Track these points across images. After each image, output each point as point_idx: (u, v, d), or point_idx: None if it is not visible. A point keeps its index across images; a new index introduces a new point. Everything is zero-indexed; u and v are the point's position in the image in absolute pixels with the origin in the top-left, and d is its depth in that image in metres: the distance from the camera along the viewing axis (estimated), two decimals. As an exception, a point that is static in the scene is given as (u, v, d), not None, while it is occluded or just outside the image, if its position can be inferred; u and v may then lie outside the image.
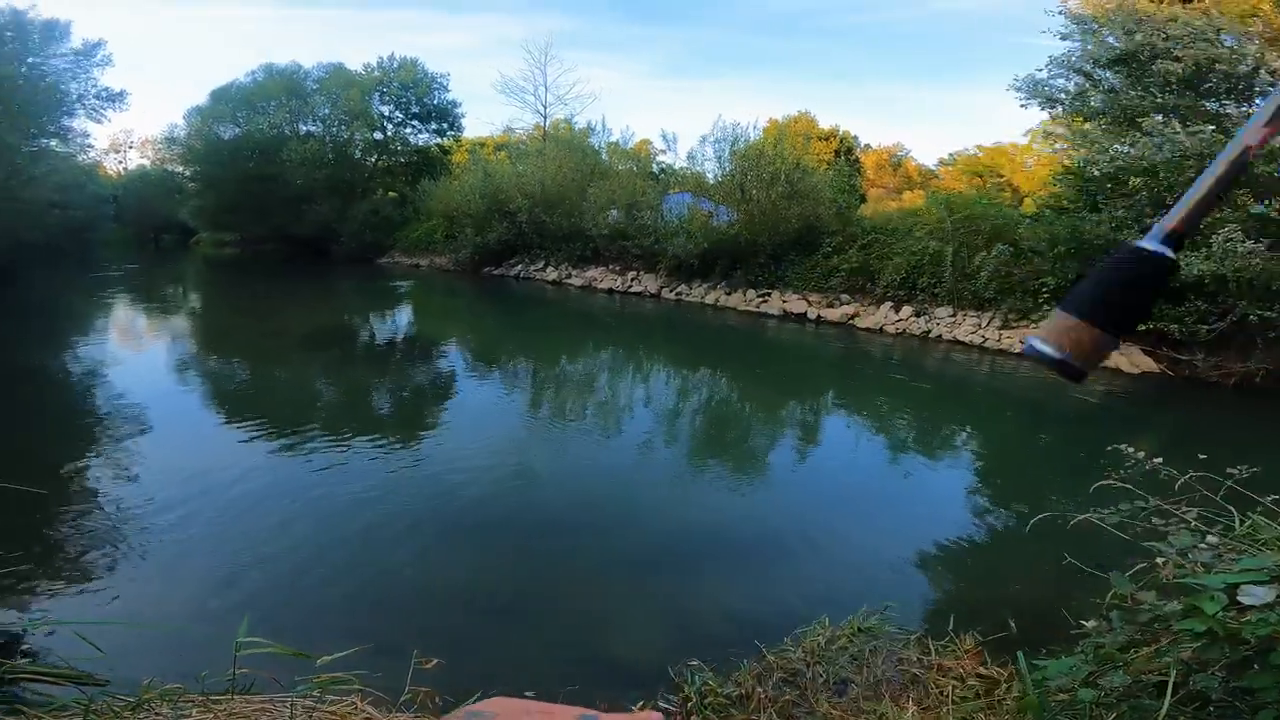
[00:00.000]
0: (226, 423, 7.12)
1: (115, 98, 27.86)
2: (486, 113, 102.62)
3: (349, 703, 1.81)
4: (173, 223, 41.82)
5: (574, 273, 21.88)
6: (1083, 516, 2.46)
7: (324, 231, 30.48)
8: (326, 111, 32.25)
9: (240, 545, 4.29)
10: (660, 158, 25.75)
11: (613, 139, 27.02)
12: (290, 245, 32.02)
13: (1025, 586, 4.04)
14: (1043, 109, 13.53)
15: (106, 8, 68.12)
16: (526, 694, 2.36)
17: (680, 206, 19.90)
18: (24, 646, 2.86)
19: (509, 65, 57.95)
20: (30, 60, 22.30)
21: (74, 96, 25.12)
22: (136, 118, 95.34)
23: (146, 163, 48.77)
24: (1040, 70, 12.95)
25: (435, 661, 2.47)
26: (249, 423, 6.91)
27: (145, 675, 1.95)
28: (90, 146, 30.82)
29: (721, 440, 7.58)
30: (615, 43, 78.81)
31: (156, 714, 1.71)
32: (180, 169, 37.86)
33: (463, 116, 36.23)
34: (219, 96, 33.12)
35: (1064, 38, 12.37)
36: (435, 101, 34.61)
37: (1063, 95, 12.87)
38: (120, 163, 53.68)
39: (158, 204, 40.99)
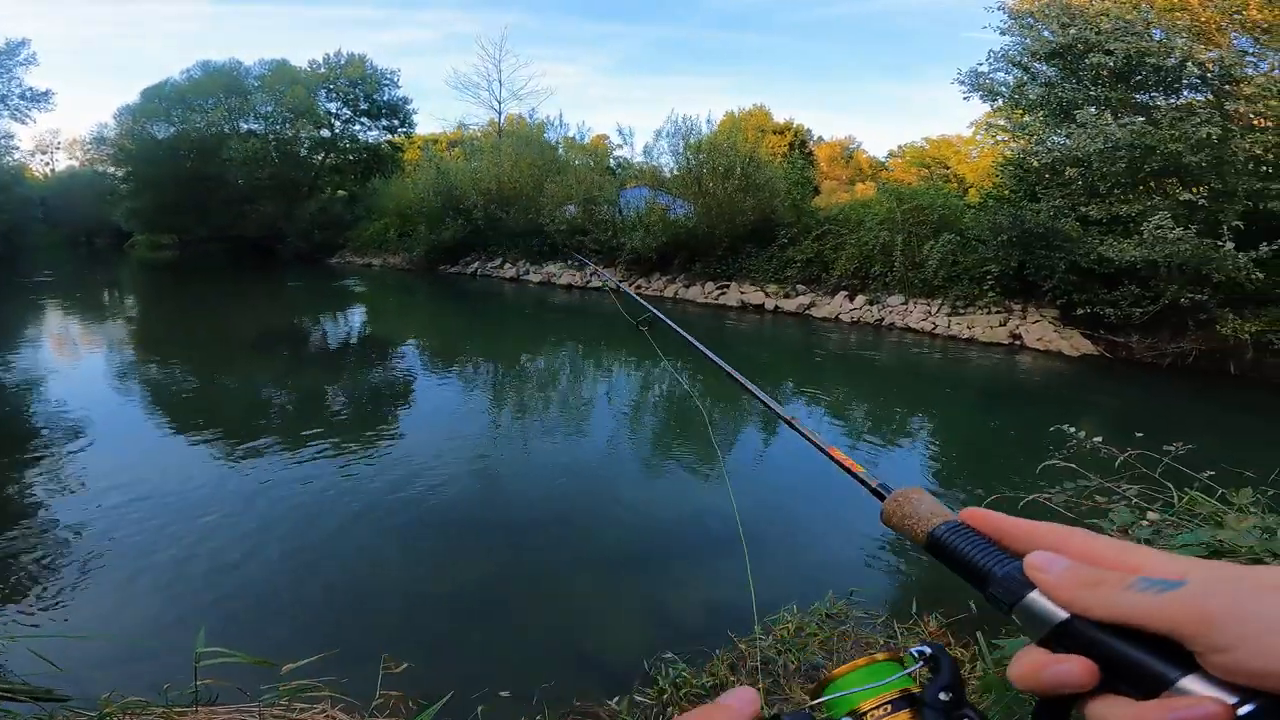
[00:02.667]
0: (172, 431, 6.85)
1: (40, 98, 26.79)
2: (440, 109, 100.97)
3: (319, 710, 1.77)
4: (106, 225, 39.98)
5: (532, 269, 21.69)
6: (1030, 497, 2.53)
7: (270, 232, 29.54)
8: (269, 109, 31.19)
9: (195, 555, 4.14)
10: (618, 152, 25.73)
11: (569, 134, 26.88)
12: (234, 246, 30.93)
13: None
14: (984, 101, 13.98)
15: (31, 6, 64.52)
16: (502, 693, 2.35)
17: (638, 200, 19.91)
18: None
19: (463, 61, 57.10)
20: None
21: (-5, 97, 24.08)
22: (64, 118, 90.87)
23: (75, 164, 46.54)
24: (981, 64, 13.37)
25: (405, 665, 2.44)
26: (196, 430, 6.65)
27: (105, 690, 1.88)
28: (15, 148, 29.53)
29: (684, 434, 7.64)
30: (572, 39, 78.51)
31: None
32: (112, 170, 36.18)
33: (414, 113, 35.57)
34: (151, 95, 31.74)
35: (1003, 32, 12.77)
36: (385, 98, 33.83)
37: (1003, 88, 13.30)
38: (48, 164, 51.32)
39: (89, 206, 39.13)
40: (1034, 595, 0.35)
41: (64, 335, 13.29)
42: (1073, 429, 2.61)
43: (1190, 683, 0.30)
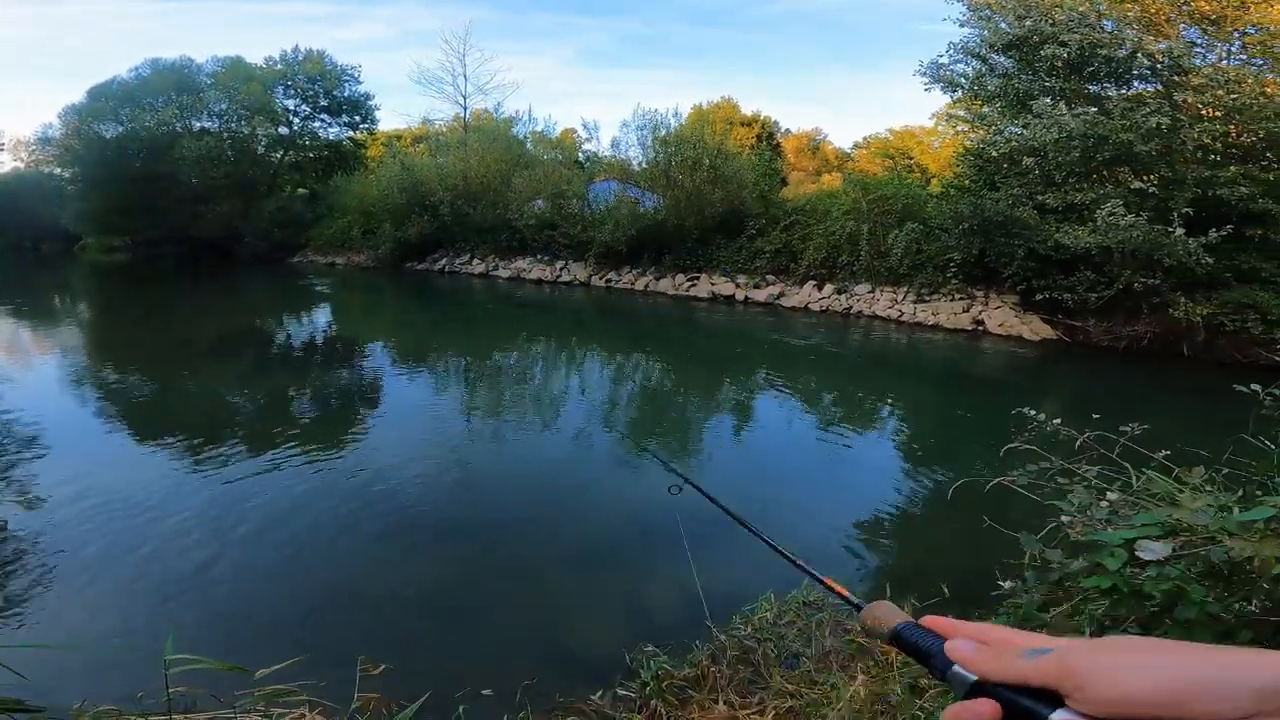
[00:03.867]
0: (132, 437, 6.64)
1: (-23, 94, 25.63)
2: (403, 105, 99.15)
3: (298, 714, 1.75)
4: (54, 229, 38.42)
5: (501, 264, 21.50)
6: (996, 480, 2.56)
7: (226, 231, 28.77)
8: (223, 107, 30.28)
9: (164, 562, 4.03)
10: (586, 146, 25.58)
11: (537, 128, 26.65)
12: (188, 248, 30.07)
13: (955, 550, 4.25)
14: (945, 93, 14.23)
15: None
16: (484, 692, 2.34)
17: (607, 194, 19.85)
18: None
19: (427, 56, 56.02)
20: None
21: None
22: (6, 117, 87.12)
23: (20, 165, 44.52)
24: (942, 55, 13.60)
25: (382, 667, 2.41)
26: (157, 435, 6.45)
27: (76, 700, 1.84)
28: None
29: (658, 425, 7.66)
30: (538, 32, 77.35)
31: None
32: (58, 170, 34.79)
33: (377, 109, 34.90)
34: (97, 94, 30.57)
35: (963, 24, 13.00)
36: (346, 94, 33.17)
37: (962, 80, 13.54)
38: (-10, 165, 48.98)
39: (36, 209, 37.55)
40: (957, 667, 0.50)
41: (14, 342, 12.78)
42: (1034, 412, 2.67)
43: (1059, 715, 0.42)
